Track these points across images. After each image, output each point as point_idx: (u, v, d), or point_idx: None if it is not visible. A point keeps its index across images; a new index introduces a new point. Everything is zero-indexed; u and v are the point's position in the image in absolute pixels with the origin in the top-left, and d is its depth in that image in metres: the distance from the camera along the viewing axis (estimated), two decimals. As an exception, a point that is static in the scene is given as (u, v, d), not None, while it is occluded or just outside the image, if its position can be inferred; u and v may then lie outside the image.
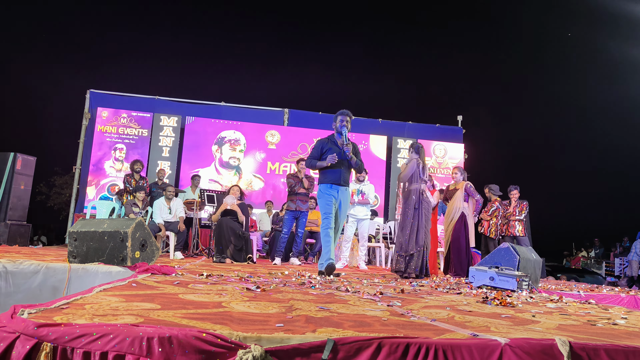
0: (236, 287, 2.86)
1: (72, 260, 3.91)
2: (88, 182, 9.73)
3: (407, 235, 5.23)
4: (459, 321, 2.04)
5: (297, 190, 6.71)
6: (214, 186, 9.87)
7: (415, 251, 5.20)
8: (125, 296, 2.13)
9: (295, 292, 2.81)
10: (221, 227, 6.33)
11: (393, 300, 2.70)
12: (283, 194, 9.47)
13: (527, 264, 4.47)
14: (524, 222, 7.57)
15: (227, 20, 19.56)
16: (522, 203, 7.52)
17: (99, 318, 1.53)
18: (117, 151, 9.87)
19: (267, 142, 10.50)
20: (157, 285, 2.68)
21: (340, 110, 4.91)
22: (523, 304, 2.96)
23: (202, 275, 3.53)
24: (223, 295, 2.43)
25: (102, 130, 9.92)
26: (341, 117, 4.86)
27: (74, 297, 1.91)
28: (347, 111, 4.89)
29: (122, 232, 3.86)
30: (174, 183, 9.73)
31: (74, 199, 9.94)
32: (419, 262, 5.21)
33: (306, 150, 10.59)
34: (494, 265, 4.32)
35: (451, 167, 11.15)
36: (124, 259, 3.81)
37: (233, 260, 6.16)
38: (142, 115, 10.10)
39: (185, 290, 2.55)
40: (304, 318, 1.85)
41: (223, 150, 10.31)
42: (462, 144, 11.46)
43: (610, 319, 2.42)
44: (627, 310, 3.09)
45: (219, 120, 10.46)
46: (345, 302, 2.50)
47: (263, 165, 10.44)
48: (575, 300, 3.56)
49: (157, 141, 10.05)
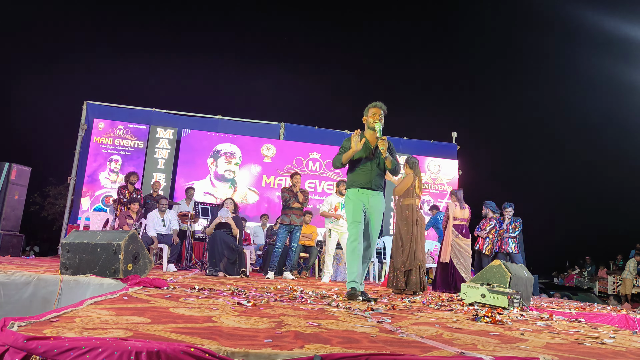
0: (227, 302, 2.86)
1: (64, 272, 3.91)
2: (82, 193, 9.73)
3: (407, 250, 5.24)
4: (447, 338, 2.05)
5: (292, 205, 6.73)
6: (209, 199, 9.88)
7: (414, 267, 5.22)
8: (115, 309, 2.13)
9: (286, 307, 2.82)
10: (215, 240, 6.33)
11: (383, 316, 2.71)
12: (278, 207, 9.48)
13: (519, 282, 4.49)
14: (517, 239, 7.61)
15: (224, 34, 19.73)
16: (516, 220, 7.57)
17: (89, 332, 1.54)
18: (113, 162, 9.88)
19: (262, 156, 10.54)
20: (148, 299, 2.69)
21: (373, 102, 4.15)
22: (513, 321, 2.97)
23: (193, 289, 3.53)
24: (214, 310, 2.43)
25: (98, 141, 9.94)
26: (373, 109, 4.10)
27: (64, 310, 1.91)
28: (379, 103, 4.12)
29: (115, 244, 3.86)
30: (169, 195, 9.73)
31: (68, 210, 9.92)
32: (418, 278, 5.23)
33: (301, 164, 10.64)
34: (486, 282, 4.34)
35: (445, 183, 11.24)
36: (116, 272, 3.80)
37: (226, 274, 6.15)
38: (139, 127, 10.13)
39: (176, 304, 2.55)
40: (293, 334, 1.86)
41: (218, 163, 10.34)
42: (457, 160, 11.54)
43: (598, 338, 2.44)
44: (615, 329, 3.11)
45: (214, 133, 10.51)
46: (335, 317, 2.51)
47: (258, 178, 10.46)
48: (565, 318, 3.58)
49: (153, 153, 10.07)
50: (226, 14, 19.47)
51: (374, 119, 4.04)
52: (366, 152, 4.05)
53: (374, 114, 4.06)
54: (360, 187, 4.03)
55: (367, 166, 4.04)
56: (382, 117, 4.06)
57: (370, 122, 4.07)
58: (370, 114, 4.08)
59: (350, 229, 4.04)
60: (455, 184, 11.28)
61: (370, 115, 4.08)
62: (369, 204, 4.03)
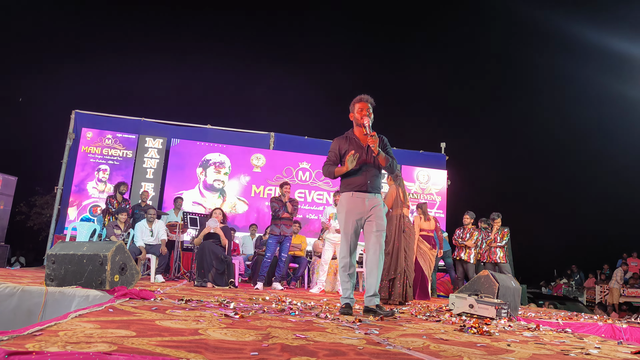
0: (214, 314, 2.85)
1: (49, 284, 3.86)
2: (70, 202, 9.63)
3: (390, 258, 5.26)
4: (434, 350, 2.06)
5: (281, 215, 6.72)
6: (198, 209, 9.83)
7: (395, 275, 5.23)
8: (100, 322, 2.11)
9: (273, 319, 2.81)
10: (203, 250, 6.29)
11: (371, 327, 2.71)
12: (267, 217, 9.45)
13: (507, 292, 4.51)
14: (505, 249, 7.66)
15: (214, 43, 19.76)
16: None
17: (72, 346, 1.52)
18: (101, 172, 9.81)
19: (252, 165, 10.53)
20: (134, 311, 2.66)
21: (358, 96, 3.73)
22: (500, 332, 2.98)
23: (181, 300, 3.50)
24: (200, 322, 2.42)
25: (86, 150, 9.87)
26: (359, 104, 3.69)
27: (47, 324, 1.89)
28: (365, 96, 3.71)
29: (101, 255, 3.82)
30: (158, 205, 9.67)
31: (55, 220, 9.81)
32: (402, 289, 5.23)
33: (291, 174, 10.64)
34: (474, 293, 4.36)
35: (434, 192, 11.29)
36: (102, 283, 3.76)
37: (214, 285, 6.12)
38: (127, 136, 10.08)
39: (163, 316, 2.53)
40: (280, 346, 1.85)
41: (207, 173, 10.31)
42: (446, 170, 11.61)
43: (583, 349, 2.46)
44: (601, 339, 3.14)
45: (204, 143, 10.48)
46: (323, 329, 2.50)
47: (248, 188, 10.44)
48: (552, 328, 3.60)
49: (142, 163, 10.01)
50: (215, 24, 19.54)
51: (361, 115, 3.64)
52: (360, 152, 3.64)
53: (361, 109, 3.66)
54: (354, 191, 3.62)
55: (363, 167, 3.63)
56: (370, 111, 3.66)
57: (358, 119, 3.67)
58: (357, 110, 3.68)
59: (341, 242, 3.72)
60: (444, 193, 11.34)
61: (357, 111, 3.68)
62: (365, 208, 3.60)
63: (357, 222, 3.63)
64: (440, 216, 11.24)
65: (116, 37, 18.22)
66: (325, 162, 3.82)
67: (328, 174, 3.77)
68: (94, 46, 17.89)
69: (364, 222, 3.63)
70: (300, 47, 19.91)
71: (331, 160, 3.77)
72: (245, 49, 19.72)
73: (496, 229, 7.64)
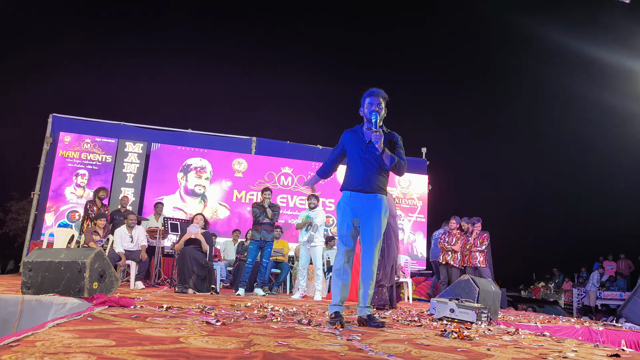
0: (196, 321, 2.82)
1: (26, 292, 3.78)
2: (47, 208, 9.45)
3: None
4: (415, 356, 2.07)
5: (262, 220, 6.69)
6: (179, 214, 9.74)
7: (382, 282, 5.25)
8: (79, 332, 2.08)
9: (255, 326, 2.80)
10: (184, 256, 6.24)
11: (353, 334, 2.72)
12: (249, 222, 9.40)
13: (487, 296, 4.57)
14: (485, 253, 7.74)
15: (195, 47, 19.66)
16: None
17: (50, 356, 1.50)
18: (79, 177, 9.66)
19: (234, 170, 10.48)
20: (113, 319, 2.62)
21: (369, 89, 3.49)
22: (480, 336, 3.02)
23: (161, 308, 3.46)
24: (181, 330, 2.39)
25: (64, 155, 9.71)
26: (370, 98, 3.43)
27: (24, 334, 1.85)
28: (377, 90, 3.46)
29: (79, 262, 3.76)
30: (138, 211, 9.55)
31: (31, 226, 9.62)
32: (387, 294, 5.25)
33: (273, 179, 10.62)
34: (455, 297, 4.40)
35: (415, 197, 11.38)
36: (80, 290, 3.70)
37: (196, 291, 6.06)
38: (107, 140, 9.95)
39: (143, 325, 2.50)
40: (262, 354, 1.85)
41: (188, 178, 10.23)
42: (427, 175, 11.72)
43: (561, 352, 2.50)
44: (578, 342, 3.20)
45: (185, 148, 10.40)
46: (305, 336, 2.50)
47: (229, 193, 10.39)
48: (531, 332, 3.65)
49: (121, 167, 9.89)
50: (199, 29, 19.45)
51: (370, 110, 3.39)
52: (360, 147, 3.42)
53: (370, 104, 3.41)
54: (353, 190, 3.39)
55: (361, 164, 3.39)
56: (380, 106, 3.41)
57: (366, 113, 3.44)
58: (367, 104, 3.44)
59: (337, 245, 3.50)
60: (425, 198, 11.44)
61: (366, 106, 3.45)
62: (363, 209, 3.36)
63: (353, 223, 3.38)
64: (422, 221, 11.34)
65: (95, 40, 18.02)
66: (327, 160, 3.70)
67: (320, 173, 3.73)
68: (73, 48, 17.63)
69: (361, 225, 3.38)
70: (282, 51, 19.94)
71: (329, 158, 3.65)
72: (227, 54, 19.67)
73: (476, 234, 7.72)
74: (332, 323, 3.15)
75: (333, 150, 3.65)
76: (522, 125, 20.40)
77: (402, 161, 3.39)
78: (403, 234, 11.08)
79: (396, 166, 3.35)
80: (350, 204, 3.38)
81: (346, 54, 20.30)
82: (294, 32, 20.21)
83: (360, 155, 3.40)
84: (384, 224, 3.39)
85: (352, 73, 20.10)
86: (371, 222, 3.34)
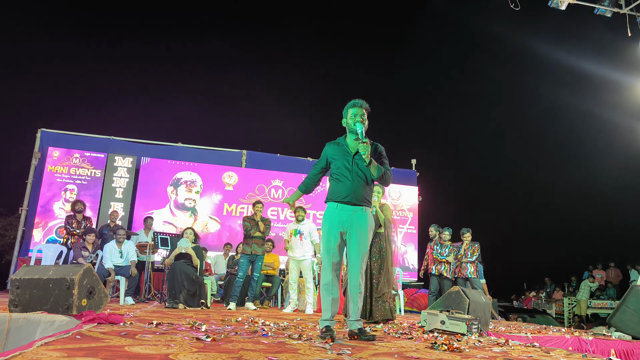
0: (186, 337, 2.81)
1: (13, 310, 3.73)
2: (35, 224, 9.36)
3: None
4: (405, 369, 2.08)
5: (253, 234, 6.68)
6: (169, 228, 9.69)
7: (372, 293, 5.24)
8: (67, 350, 2.06)
9: (246, 341, 2.79)
10: (174, 271, 6.20)
11: (344, 347, 2.72)
12: (240, 236, 9.38)
13: (477, 307, 4.59)
14: (476, 264, 7.78)
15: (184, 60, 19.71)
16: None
17: (38, 376, 1.49)
18: (68, 192, 9.58)
19: (224, 184, 10.47)
20: (102, 337, 2.60)
21: (352, 100, 3.52)
22: (470, 348, 3.03)
23: (151, 324, 3.44)
24: (171, 347, 2.38)
25: (53, 170, 9.64)
26: (353, 109, 3.46)
27: (12, 354, 1.84)
28: (360, 101, 3.50)
29: (68, 279, 3.73)
30: (127, 225, 9.49)
31: (19, 242, 9.51)
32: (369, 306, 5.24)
33: (264, 191, 10.62)
34: (445, 309, 4.42)
35: (406, 209, 11.42)
36: (69, 308, 3.66)
37: (186, 306, 6.02)
38: (96, 155, 9.91)
39: (132, 342, 2.49)
40: (252, 370, 1.84)
41: (179, 192, 10.19)
42: (417, 186, 11.78)
43: (550, 363, 2.52)
44: (567, 353, 3.22)
45: (175, 161, 10.38)
46: (295, 351, 2.50)
47: (220, 206, 10.36)
48: (520, 343, 3.67)
49: (111, 182, 9.84)
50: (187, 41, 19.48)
51: (354, 121, 3.41)
52: (346, 159, 3.42)
53: (354, 115, 3.44)
54: (339, 202, 3.36)
55: (348, 176, 3.38)
56: (364, 117, 3.45)
57: (350, 125, 3.45)
58: (350, 115, 3.46)
59: (322, 258, 3.44)
60: (415, 209, 11.49)
61: (349, 117, 3.47)
62: (351, 222, 3.33)
63: (340, 236, 3.36)
64: (413, 232, 11.37)
65: (83, 52, 17.96)
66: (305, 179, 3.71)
67: (303, 186, 3.70)
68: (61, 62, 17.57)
69: (347, 237, 3.37)
70: (271, 64, 20.03)
71: (313, 171, 3.64)
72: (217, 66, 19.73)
73: (466, 244, 7.76)
74: (323, 337, 3.13)
75: (315, 164, 3.64)
76: (512, 136, 20.61)
77: (387, 172, 3.43)
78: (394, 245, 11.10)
79: (383, 176, 3.39)
80: (338, 216, 3.35)
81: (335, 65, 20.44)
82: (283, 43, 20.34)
83: (347, 166, 3.39)
84: (370, 237, 3.40)
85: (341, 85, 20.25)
86: (358, 235, 3.32)
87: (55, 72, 17.37)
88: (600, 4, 8.64)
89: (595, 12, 8.73)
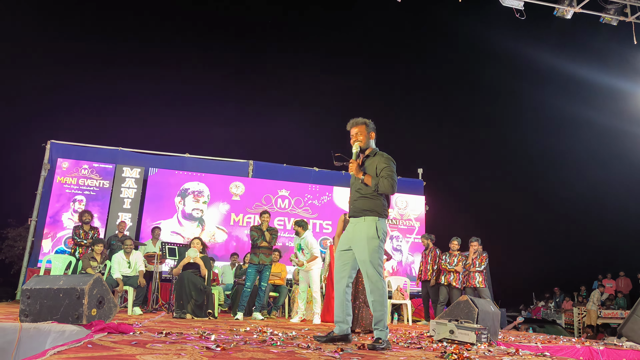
0: (196, 346, 2.82)
1: (24, 320, 3.76)
2: (44, 234, 9.43)
3: None
4: (416, 378, 2.08)
5: (260, 244, 6.70)
6: (176, 238, 9.72)
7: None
8: (80, 359, 2.08)
9: (255, 351, 2.79)
10: (182, 281, 6.22)
11: (353, 357, 2.72)
12: (247, 246, 9.40)
13: (486, 317, 4.56)
14: (484, 273, 7.74)
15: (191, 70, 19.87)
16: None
17: (52, 384, 1.50)
18: (77, 203, 9.65)
19: (231, 194, 10.51)
20: (113, 346, 2.62)
21: (351, 120, 3.73)
22: (480, 357, 3.02)
23: (161, 334, 3.45)
24: (182, 356, 2.39)
25: (62, 181, 9.72)
26: (351, 130, 3.71)
27: (26, 362, 1.86)
28: (352, 121, 3.71)
29: (78, 289, 3.75)
30: (135, 236, 9.54)
31: (28, 252, 9.57)
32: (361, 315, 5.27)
33: (270, 201, 10.64)
34: (454, 319, 4.40)
35: (413, 218, 11.40)
36: (79, 317, 3.68)
37: (194, 316, 6.03)
38: (104, 166, 9.99)
39: (143, 351, 2.50)
40: (263, 378, 1.85)
41: (186, 202, 10.24)
42: (423, 196, 11.76)
43: (561, 372, 2.51)
44: (578, 362, 3.19)
45: (182, 172, 10.44)
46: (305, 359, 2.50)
47: (227, 216, 10.39)
48: (531, 352, 3.65)
49: (119, 193, 9.90)
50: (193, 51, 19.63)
51: (352, 141, 3.65)
52: (352, 177, 3.66)
53: (353, 135, 3.66)
54: (350, 217, 3.65)
55: (351, 191, 3.68)
56: (360, 134, 3.62)
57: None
58: (351, 135, 3.69)
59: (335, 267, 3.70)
60: (422, 219, 11.46)
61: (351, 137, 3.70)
62: (354, 234, 3.53)
63: (345, 246, 3.59)
64: (419, 242, 11.32)
65: (91, 65, 18.17)
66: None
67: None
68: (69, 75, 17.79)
69: (353, 249, 3.53)
70: (278, 75, 20.15)
71: None
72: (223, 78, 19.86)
73: (473, 252, 7.73)
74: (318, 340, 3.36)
75: None
76: (521, 145, 20.56)
77: (384, 180, 3.46)
78: (401, 255, 11.08)
79: (378, 186, 3.48)
80: (347, 229, 3.65)
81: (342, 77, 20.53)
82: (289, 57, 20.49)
83: (351, 183, 3.70)
84: (371, 244, 3.43)
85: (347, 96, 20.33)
86: (359, 245, 3.48)
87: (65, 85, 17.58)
88: (605, 13, 8.66)
89: (601, 21, 8.75)
